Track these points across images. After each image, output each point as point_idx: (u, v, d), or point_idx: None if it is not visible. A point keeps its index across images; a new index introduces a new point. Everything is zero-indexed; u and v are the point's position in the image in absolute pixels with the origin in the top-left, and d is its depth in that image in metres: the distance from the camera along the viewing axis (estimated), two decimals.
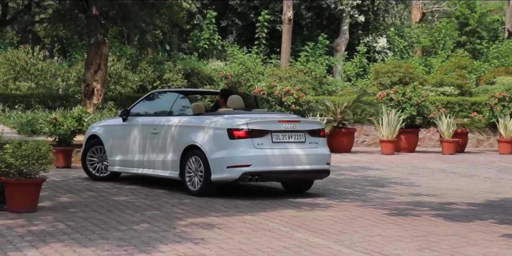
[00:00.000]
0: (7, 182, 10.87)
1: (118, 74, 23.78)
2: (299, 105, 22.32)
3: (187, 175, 12.85)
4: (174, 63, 25.99)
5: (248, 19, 32.53)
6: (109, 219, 10.45)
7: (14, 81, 22.43)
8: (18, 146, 10.94)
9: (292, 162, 12.63)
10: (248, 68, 27.16)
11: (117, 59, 24.23)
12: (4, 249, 8.50)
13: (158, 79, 24.92)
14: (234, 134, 12.36)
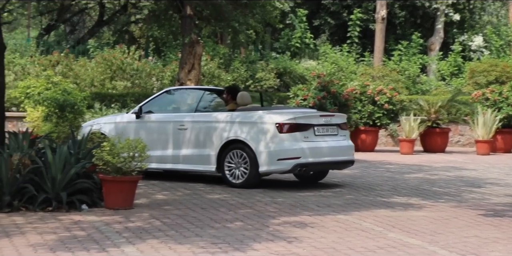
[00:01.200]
0: (104, 179, 11.10)
1: (211, 74, 23.99)
2: (392, 105, 22.13)
3: (227, 168, 13.36)
4: (267, 62, 26.07)
5: (340, 18, 32.42)
6: (203, 216, 10.56)
7: (110, 80, 22.85)
8: (115, 144, 11.15)
9: (332, 154, 13.57)
10: (340, 67, 27.06)
11: (210, 59, 24.45)
12: (102, 245, 8.68)
13: (250, 78, 25.05)
14: (283, 128, 13.04)
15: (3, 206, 10.70)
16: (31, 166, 11.08)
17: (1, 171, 10.78)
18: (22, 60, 22.96)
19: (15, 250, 8.34)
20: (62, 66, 22.91)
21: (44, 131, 15.85)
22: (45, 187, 11.00)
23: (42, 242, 8.78)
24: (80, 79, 22.68)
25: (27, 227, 9.66)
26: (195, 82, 20.42)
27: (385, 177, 15.61)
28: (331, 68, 26.15)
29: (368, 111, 21.97)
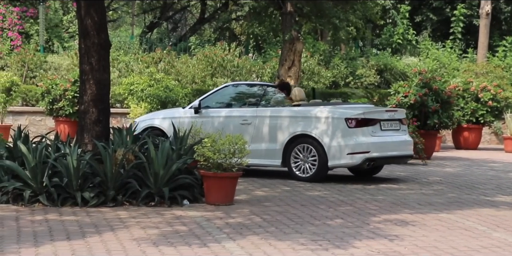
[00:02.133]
0: (205, 175, 11.21)
1: (311, 70, 23.94)
2: (497, 102, 21.67)
3: (294, 162, 13.65)
4: (367, 59, 25.87)
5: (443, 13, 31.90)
6: (303, 213, 10.55)
7: (211, 77, 23.04)
8: (216, 140, 11.24)
9: (396, 148, 13.93)
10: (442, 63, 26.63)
11: (310, 55, 24.40)
12: (204, 240, 8.76)
13: (350, 75, 24.90)
14: (353, 123, 13.40)
15: (107, 200, 10.93)
16: (134, 161, 11.28)
17: (106, 166, 11.01)
18: (126, 57, 23.37)
19: (119, 244, 8.50)
20: (164, 63, 23.23)
21: None
22: (148, 182, 11.18)
23: (145, 236, 8.92)
24: (182, 76, 22.94)
25: (130, 221, 9.84)
26: (295, 79, 20.42)
27: (488, 176, 15.31)
28: (433, 65, 25.75)
29: (471, 108, 21.58)
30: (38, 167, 10.92)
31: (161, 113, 15.57)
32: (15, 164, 11.09)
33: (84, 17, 11.87)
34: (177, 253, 8.13)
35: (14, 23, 24.19)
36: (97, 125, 11.90)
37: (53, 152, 11.31)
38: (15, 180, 11.01)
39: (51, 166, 10.97)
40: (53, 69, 22.47)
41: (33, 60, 22.22)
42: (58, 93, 19.35)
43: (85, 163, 11.03)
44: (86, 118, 11.92)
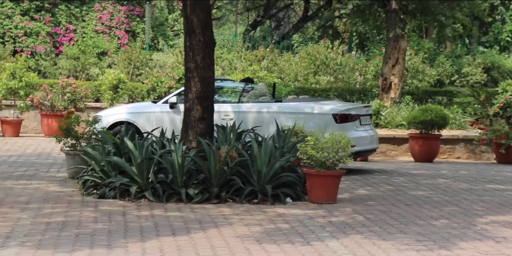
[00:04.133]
0: (308, 174, 11.19)
1: (415, 68, 23.65)
2: None
3: None
4: (473, 57, 25.39)
5: None
6: (407, 213, 10.43)
7: (314, 75, 23.01)
8: (319, 138, 11.20)
9: (371, 142, 14.59)
10: None
11: (414, 53, 24.10)
12: (307, 238, 8.75)
13: (456, 73, 24.50)
14: (340, 119, 13.97)
15: (211, 197, 11.03)
16: (238, 159, 11.35)
17: (210, 163, 11.11)
18: (229, 55, 23.55)
19: (223, 240, 8.57)
20: (267, 61, 23.31)
21: None
22: (251, 179, 11.23)
23: (249, 233, 8.97)
24: (284, 73, 22.98)
25: (234, 218, 9.90)
26: (399, 77, 20.22)
27: None
28: None
29: None
30: (144, 163, 11.11)
31: (129, 108, 15.39)
32: (122, 160, 11.31)
33: (189, 16, 12.00)
34: (280, 250, 8.14)
35: (121, 22, 24.68)
36: (201, 122, 12.01)
37: (158, 149, 11.48)
38: (122, 176, 11.22)
39: (156, 163, 11.14)
40: (158, 67, 22.82)
41: (139, 58, 22.62)
42: (163, 91, 19.65)
43: (189, 160, 11.16)
44: (190, 115, 12.04)
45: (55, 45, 24.06)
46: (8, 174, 13.12)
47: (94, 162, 11.55)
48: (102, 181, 11.33)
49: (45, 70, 22.84)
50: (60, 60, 23.04)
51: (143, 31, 24.77)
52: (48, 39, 23.90)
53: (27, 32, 23.78)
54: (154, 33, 25.09)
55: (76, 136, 13.19)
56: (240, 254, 8.00)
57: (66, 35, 24.21)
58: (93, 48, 23.28)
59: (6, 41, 23.59)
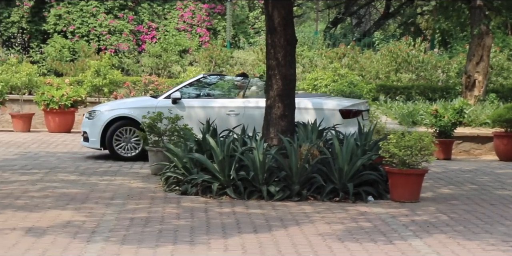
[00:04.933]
0: (390, 172, 11.08)
1: (500, 66, 23.22)
2: None
3: None
4: None
5: None
6: (492, 213, 10.24)
7: (395, 72, 22.81)
8: (401, 136, 11.09)
9: None
10: None
11: (499, 50, 23.68)
12: (389, 237, 8.67)
13: None
14: (347, 114, 14.15)
15: (292, 194, 11.01)
16: (319, 156, 11.31)
17: (291, 160, 11.10)
18: (309, 52, 23.50)
19: (305, 238, 8.55)
20: (348, 59, 23.19)
21: None
22: (332, 177, 11.18)
23: (330, 231, 8.93)
24: (366, 71, 22.83)
25: (315, 216, 9.87)
26: (483, 75, 19.89)
27: None
28: None
29: None
30: (225, 160, 11.16)
31: (129, 103, 15.24)
32: (204, 157, 11.38)
33: (271, 13, 12.00)
34: (362, 249, 8.08)
35: (203, 20, 24.86)
36: (282, 120, 12.00)
37: (240, 146, 11.52)
38: (203, 173, 11.29)
39: (238, 160, 11.18)
40: (239, 64, 22.92)
41: (220, 55, 22.74)
42: None
43: (270, 157, 11.16)
44: (272, 112, 12.05)
45: (138, 43, 24.38)
46: (93, 170, 13.34)
47: (177, 159, 11.66)
48: (184, 177, 11.42)
49: (128, 67, 23.16)
50: (143, 57, 23.33)
51: (224, 29, 24.90)
52: (131, 37, 24.23)
53: (111, 30, 24.15)
54: (235, 30, 25.21)
55: (158, 133, 13.34)
56: (322, 252, 7.97)
57: (148, 33, 24.50)
58: (174, 46, 23.51)
59: (91, 39, 23.98)
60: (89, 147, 14.91)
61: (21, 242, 8.16)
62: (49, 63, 22.89)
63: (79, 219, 9.37)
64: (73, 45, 23.59)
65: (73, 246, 8.03)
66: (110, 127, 14.56)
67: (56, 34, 23.84)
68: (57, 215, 9.57)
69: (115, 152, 14.58)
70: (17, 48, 24.05)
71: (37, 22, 24.34)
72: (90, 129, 14.67)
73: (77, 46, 23.39)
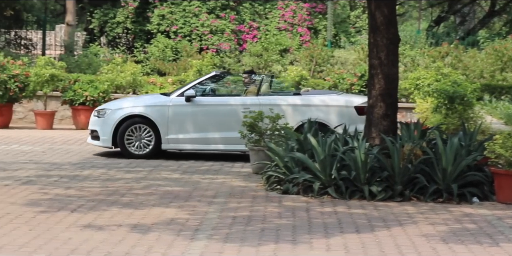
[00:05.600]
0: (496, 173, 10.86)
1: None
2: None
3: None
4: None
5: None
6: None
7: (500, 71, 22.34)
8: (508, 137, 10.85)
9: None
10: None
11: None
12: (496, 239, 8.50)
13: None
14: (361, 111, 13.97)
15: (395, 195, 10.90)
16: (422, 156, 11.16)
17: (394, 160, 10.99)
18: (412, 51, 23.22)
19: (408, 239, 8.46)
20: (451, 58, 22.81)
21: (433, 122, 15.87)
22: (435, 178, 11.02)
23: (434, 232, 8.81)
24: (469, 70, 22.42)
25: (418, 216, 9.75)
26: None
27: None
28: None
29: None
30: (327, 159, 11.12)
31: (140, 101, 15.06)
32: (305, 156, 11.37)
33: (374, 12, 11.91)
34: (468, 251, 7.95)
35: (304, 19, 24.85)
36: (384, 119, 11.90)
37: (341, 146, 11.47)
38: (305, 172, 11.29)
39: (339, 159, 11.13)
40: (340, 64, 22.82)
41: (320, 55, 22.69)
42: (345, 87, 19.62)
43: (372, 157, 11.08)
44: (374, 112, 11.96)
45: (239, 43, 24.54)
46: (195, 169, 13.49)
47: (278, 158, 11.68)
48: (286, 177, 11.44)
49: (230, 67, 23.33)
50: (244, 57, 23.47)
51: (325, 28, 24.84)
52: (233, 36, 24.40)
53: (213, 30, 24.37)
54: (336, 30, 25.11)
55: (260, 132, 13.40)
56: (426, 253, 7.86)
57: (249, 32, 24.63)
58: (275, 45, 23.57)
59: (193, 39, 24.25)
60: (99, 145, 14.81)
61: (127, 238, 8.31)
62: (152, 62, 23.25)
63: (183, 216, 9.48)
64: (176, 45, 23.90)
65: (177, 243, 8.13)
66: (121, 125, 14.52)
67: (159, 34, 24.21)
68: (161, 212, 9.72)
69: (127, 150, 14.50)
70: (121, 48, 24.51)
71: (141, 22, 24.77)
72: (101, 128, 14.58)
73: (180, 46, 23.70)
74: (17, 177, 12.06)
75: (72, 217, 9.27)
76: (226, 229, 8.86)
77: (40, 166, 13.23)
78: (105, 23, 24.99)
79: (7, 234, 8.33)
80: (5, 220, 9.03)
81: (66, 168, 13.14)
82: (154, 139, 14.44)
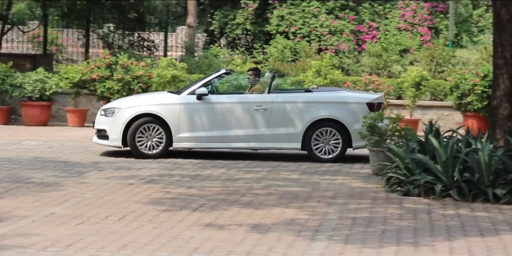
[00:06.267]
0: None
1: None
2: None
3: (315, 145, 14.31)
4: None
5: None
6: None
7: None
8: None
9: None
10: None
11: None
12: None
13: None
14: (373, 107, 14.35)
15: None
16: None
17: None
18: None
19: None
20: None
21: None
22: None
23: None
24: None
25: None
26: None
27: None
28: None
29: None
30: (449, 161, 10.93)
31: (150, 100, 14.82)
32: (427, 157, 11.20)
33: (499, 10, 11.65)
34: None
35: (424, 19, 24.52)
36: (509, 120, 11.65)
37: (464, 147, 11.25)
38: (426, 174, 11.12)
39: (462, 161, 10.92)
40: (461, 64, 22.40)
41: (441, 55, 22.32)
42: (467, 88, 19.25)
43: (497, 159, 10.82)
44: (498, 113, 11.70)
45: (358, 43, 24.40)
46: (314, 169, 13.48)
47: (399, 159, 11.56)
48: (406, 178, 11.30)
49: (348, 67, 23.22)
50: (363, 57, 23.32)
51: (446, 27, 24.43)
52: (352, 37, 24.29)
53: (332, 30, 24.31)
54: (457, 29, 24.67)
55: (379, 133, 13.28)
56: None
57: (369, 32, 24.47)
58: (395, 45, 23.33)
59: (312, 40, 24.25)
60: (107, 145, 14.65)
61: (247, 238, 8.37)
62: (271, 63, 23.35)
63: (302, 217, 9.49)
64: (295, 45, 23.95)
65: (297, 244, 8.14)
66: (132, 124, 14.33)
67: (278, 35, 24.30)
68: (281, 212, 9.75)
69: (138, 150, 14.33)
70: (241, 49, 24.73)
71: (261, 24, 24.93)
72: (110, 127, 14.39)
73: (299, 47, 23.73)
74: (140, 176, 12.32)
75: (194, 216, 9.40)
76: (346, 230, 8.81)
77: (163, 165, 13.48)
78: (225, 24, 25.27)
79: (131, 232, 8.51)
80: (130, 218, 9.24)
81: (188, 167, 13.35)
82: (165, 138, 14.34)
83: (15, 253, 7.50)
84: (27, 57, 24.37)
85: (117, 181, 11.78)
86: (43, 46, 25.24)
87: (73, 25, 27.81)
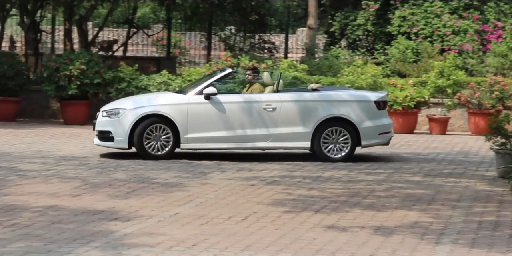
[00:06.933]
0: None
1: None
2: None
3: (324, 144, 14.16)
4: None
5: None
6: None
7: None
8: None
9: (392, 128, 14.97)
10: None
11: None
12: None
13: None
14: (381, 106, 14.47)
15: None
16: None
17: None
18: None
19: None
20: None
21: None
22: None
23: None
24: None
25: None
26: None
27: None
28: None
29: None
30: None
31: (156, 100, 14.42)
32: None
33: None
34: None
35: None
36: None
37: None
38: None
39: None
40: None
41: None
42: None
43: None
44: None
45: (482, 43, 23.88)
46: (437, 172, 13.27)
47: None
48: None
49: (472, 68, 22.75)
50: (487, 57, 22.80)
51: None
52: (476, 37, 23.79)
53: (455, 30, 23.88)
54: None
55: (506, 135, 12.95)
56: None
57: (494, 32, 23.91)
58: None
59: (434, 40, 23.88)
60: (111, 147, 14.36)
61: (370, 240, 8.31)
62: (392, 64, 23.13)
63: (426, 220, 9.35)
64: (417, 46, 23.63)
65: (421, 247, 8.03)
66: (138, 125, 14.01)
67: (400, 36, 24.03)
68: (403, 215, 9.63)
69: (146, 151, 14.04)
70: (362, 50, 24.57)
71: (382, 24, 24.71)
72: (115, 128, 14.06)
73: (421, 47, 23.41)
74: (262, 177, 12.40)
75: (316, 218, 9.39)
76: (472, 234, 8.63)
77: (284, 167, 13.52)
78: (346, 25, 25.16)
79: (254, 233, 8.57)
80: (252, 219, 9.30)
81: (309, 169, 13.36)
82: (172, 139, 14.10)
83: (142, 252, 7.66)
84: (152, 60, 24.91)
85: (239, 182, 11.89)
86: (166, 49, 25.73)
87: (195, 28, 28.25)
